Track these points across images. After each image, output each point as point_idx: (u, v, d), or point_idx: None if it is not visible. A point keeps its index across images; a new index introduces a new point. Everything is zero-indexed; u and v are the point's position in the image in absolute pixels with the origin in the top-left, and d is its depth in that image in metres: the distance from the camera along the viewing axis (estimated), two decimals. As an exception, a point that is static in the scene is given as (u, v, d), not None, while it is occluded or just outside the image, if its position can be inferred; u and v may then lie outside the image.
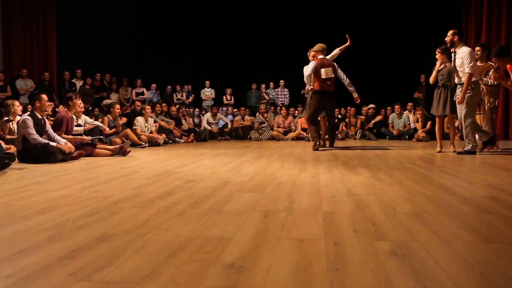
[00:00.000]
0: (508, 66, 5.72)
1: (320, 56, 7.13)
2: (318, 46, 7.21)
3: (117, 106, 8.47)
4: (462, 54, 5.72)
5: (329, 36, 12.38)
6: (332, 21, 12.58)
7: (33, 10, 11.34)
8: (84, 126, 7.02)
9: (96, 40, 11.93)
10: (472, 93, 5.73)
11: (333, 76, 7.06)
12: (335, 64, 7.17)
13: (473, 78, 5.71)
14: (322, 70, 6.96)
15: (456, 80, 5.95)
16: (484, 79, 6.22)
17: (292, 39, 12.82)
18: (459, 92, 5.87)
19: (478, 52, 6.43)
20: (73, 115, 6.33)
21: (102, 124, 7.48)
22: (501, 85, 6.34)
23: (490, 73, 6.17)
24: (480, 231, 1.87)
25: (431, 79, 6.39)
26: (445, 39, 5.93)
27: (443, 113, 6.28)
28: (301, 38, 12.79)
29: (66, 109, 6.26)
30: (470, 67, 5.63)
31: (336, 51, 7.46)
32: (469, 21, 11.27)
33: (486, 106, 6.37)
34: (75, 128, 6.37)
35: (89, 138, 6.13)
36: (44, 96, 5.50)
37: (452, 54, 5.97)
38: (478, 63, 6.39)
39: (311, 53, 7.34)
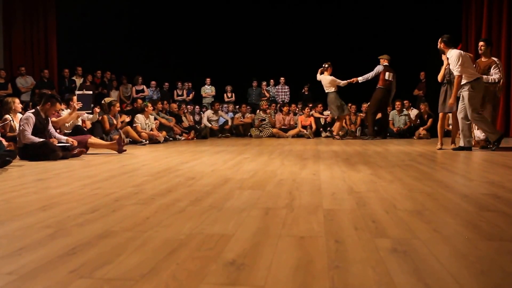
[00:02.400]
0: None
1: (385, 63, 9.54)
2: (387, 56, 9.58)
3: (117, 104, 8.46)
4: (451, 57, 5.85)
5: (329, 33, 12.43)
6: (332, 18, 12.57)
7: (34, 7, 11.33)
8: (84, 122, 7.01)
9: (97, 38, 11.90)
10: (474, 92, 5.76)
11: (393, 80, 9.56)
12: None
13: (475, 76, 5.72)
14: (387, 73, 9.44)
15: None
16: (484, 77, 6.17)
17: (292, 37, 12.81)
18: (463, 90, 5.89)
19: (482, 48, 6.39)
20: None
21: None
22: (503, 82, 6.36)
23: None
24: (481, 229, 1.87)
25: (439, 77, 6.43)
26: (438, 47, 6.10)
27: (448, 111, 6.30)
28: (301, 36, 12.80)
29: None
30: (458, 70, 5.74)
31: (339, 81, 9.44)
32: (469, 20, 11.24)
33: (487, 104, 6.36)
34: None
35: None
36: (58, 105, 5.55)
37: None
38: (482, 59, 6.38)
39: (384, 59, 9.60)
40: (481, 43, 6.45)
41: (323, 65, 9.42)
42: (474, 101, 5.78)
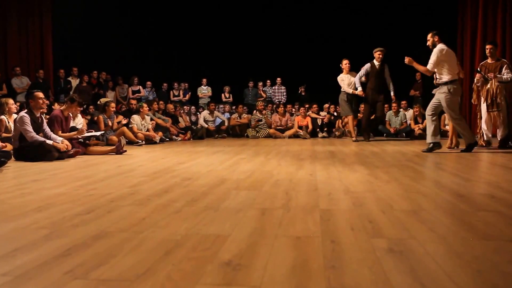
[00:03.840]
0: None
1: None
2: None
3: (112, 104, 8.42)
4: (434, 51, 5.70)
5: (325, 34, 12.45)
6: (328, 19, 12.58)
7: (29, 8, 11.28)
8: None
9: (93, 38, 11.87)
10: (451, 96, 5.60)
11: None
12: None
13: (451, 78, 5.58)
14: None
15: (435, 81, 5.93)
16: (498, 76, 6.26)
17: (288, 37, 12.82)
18: (439, 92, 5.77)
19: (491, 50, 6.45)
20: (70, 114, 6.21)
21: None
22: None
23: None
24: (477, 228, 1.87)
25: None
26: (427, 44, 5.86)
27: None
28: (297, 36, 12.81)
29: (62, 107, 6.12)
30: (431, 64, 5.64)
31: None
32: (464, 21, 11.28)
33: (502, 103, 6.36)
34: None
35: (84, 134, 6.05)
36: (38, 94, 5.45)
37: None
38: (489, 60, 6.46)
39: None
40: (489, 46, 6.52)
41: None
42: (451, 103, 5.63)
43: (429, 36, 5.82)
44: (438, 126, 5.85)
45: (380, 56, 8.60)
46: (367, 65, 8.74)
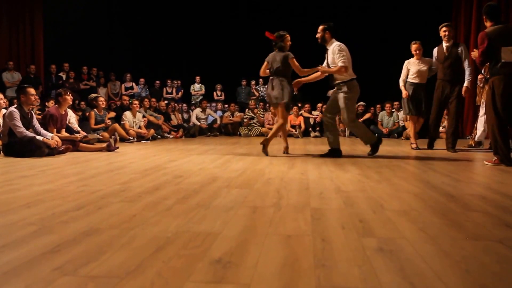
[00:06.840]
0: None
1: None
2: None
3: (100, 98, 8.34)
4: (332, 49, 5.19)
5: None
6: (323, 19, 12.57)
7: (20, 3, 11.17)
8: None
9: (85, 34, 11.78)
10: (350, 94, 5.11)
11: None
12: None
13: (352, 76, 5.15)
14: None
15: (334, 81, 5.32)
16: None
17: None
18: (332, 92, 5.40)
19: None
20: (66, 110, 6.17)
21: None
22: None
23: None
24: (467, 229, 1.89)
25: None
26: (316, 36, 5.41)
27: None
28: (291, 36, 12.80)
29: (56, 105, 6.09)
30: (343, 61, 5.01)
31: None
32: (458, 20, 11.34)
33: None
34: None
35: (82, 136, 6.07)
36: (30, 90, 5.40)
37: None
38: None
39: None
40: None
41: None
42: (351, 102, 5.16)
43: (320, 29, 5.34)
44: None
45: (446, 33, 6.22)
46: (434, 50, 6.52)
